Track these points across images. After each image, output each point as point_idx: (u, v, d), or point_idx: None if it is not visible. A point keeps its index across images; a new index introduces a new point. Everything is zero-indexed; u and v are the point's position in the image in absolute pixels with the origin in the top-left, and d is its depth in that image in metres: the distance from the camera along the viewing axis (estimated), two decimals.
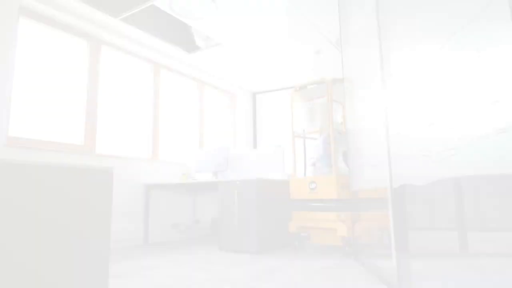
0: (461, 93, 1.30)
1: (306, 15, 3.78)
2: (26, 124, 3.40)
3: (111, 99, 4.21)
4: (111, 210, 1.89)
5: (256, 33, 4.17)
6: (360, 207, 3.19)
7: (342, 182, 3.25)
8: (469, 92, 1.35)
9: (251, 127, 6.48)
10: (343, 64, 3.31)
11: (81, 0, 3.48)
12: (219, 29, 4.12)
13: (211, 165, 4.43)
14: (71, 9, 3.61)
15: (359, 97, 2.81)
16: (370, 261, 2.66)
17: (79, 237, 1.74)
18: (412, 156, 1.62)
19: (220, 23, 3.98)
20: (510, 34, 1.22)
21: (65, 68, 3.78)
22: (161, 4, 3.64)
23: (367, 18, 2.57)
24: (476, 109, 1.35)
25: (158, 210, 4.43)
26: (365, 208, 3.15)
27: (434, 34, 1.42)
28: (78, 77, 3.89)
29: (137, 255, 3.33)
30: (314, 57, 4.79)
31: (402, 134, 1.76)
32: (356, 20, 3.20)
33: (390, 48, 1.98)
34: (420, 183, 1.58)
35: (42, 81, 3.58)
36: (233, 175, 4.46)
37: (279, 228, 3.71)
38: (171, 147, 4.91)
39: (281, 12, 3.71)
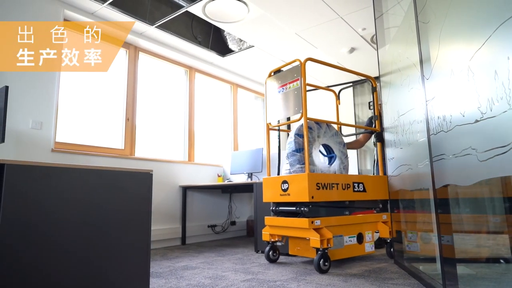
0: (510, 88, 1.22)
1: (340, 12, 3.71)
2: (72, 130, 3.58)
3: (149, 104, 4.36)
4: (151, 211, 1.95)
5: (288, 34, 4.15)
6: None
7: (318, 180, 2.69)
8: None
9: (284, 127, 6.45)
10: (379, 61, 3.22)
11: (120, 11, 3.63)
12: (251, 32, 4.14)
13: (246, 167, 4.46)
14: (111, 19, 3.78)
15: (398, 94, 2.71)
16: (413, 264, 2.56)
17: (122, 238, 1.80)
18: (457, 155, 1.54)
19: (253, 26, 3.99)
20: None
21: (106, 76, 3.95)
22: (194, 10, 3.72)
23: (404, 14, 2.48)
24: None
25: (195, 211, 4.51)
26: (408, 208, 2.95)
27: (477, 28, 1.34)
28: (118, 84, 4.06)
29: (175, 256, 3.41)
30: (348, 55, 4.68)
31: (445, 132, 1.68)
32: (393, 16, 3.10)
33: (430, 43, 1.89)
34: (466, 183, 1.50)
35: (85, 90, 3.77)
36: None
37: None
38: (206, 149, 4.99)
39: (313, 10, 3.66)
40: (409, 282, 2.24)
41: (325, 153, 3.22)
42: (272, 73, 3.34)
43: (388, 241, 3.09)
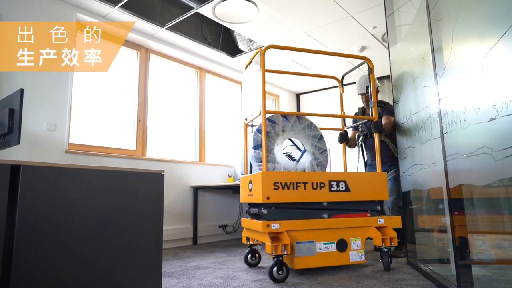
0: None
1: (350, 11, 3.68)
2: (85, 131, 3.64)
3: (160, 105, 4.39)
4: (163, 211, 1.96)
5: (298, 33, 4.13)
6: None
7: (275, 180, 2.46)
8: None
9: None
10: (391, 60, 3.18)
11: (130, 13, 3.66)
12: (261, 32, 4.14)
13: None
14: (123, 21, 3.82)
15: (410, 93, 2.68)
16: (427, 266, 2.52)
17: (134, 238, 1.82)
18: (471, 154, 1.51)
19: (262, 26, 3.99)
20: None
21: (118, 77, 4.00)
22: (204, 11, 3.74)
23: (416, 11, 2.45)
24: None
25: (206, 211, 4.53)
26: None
27: (491, 24, 1.32)
28: (130, 86, 4.10)
29: (186, 256, 3.43)
30: (359, 54, 4.64)
31: (459, 130, 1.65)
32: (404, 13, 3.07)
33: (442, 41, 1.86)
34: (481, 183, 1.47)
35: (98, 91, 3.82)
36: None
37: None
38: (217, 150, 5.01)
39: (323, 9, 3.64)
40: (422, 283, 2.21)
41: (292, 149, 2.95)
42: (248, 65, 3.06)
43: (384, 250, 2.58)
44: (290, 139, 2.89)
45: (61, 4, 3.41)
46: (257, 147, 2.68)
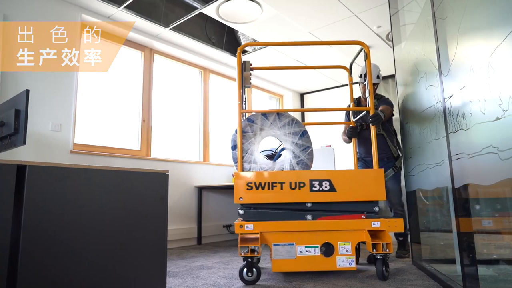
0: None
1: (354, 10, 3.67)
2: (89, 131, 3.66)
3: (164, 105, 4.41)
4: (167, 211, 1.97)
5: (302, 33, 4.12)
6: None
7: (249, 180, 2.43)
8: None
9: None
10: (395, 59, 3.17)
11: (135, 14, 3.68)
12: (265, 32, 4.14)
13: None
14: (124, 21, 3.84)
15: (415, 92, 2.66)
16: (432, 265, 2.51)
17: (139, 238, 1.82)
18: (476, 154, 1.50)
19: (266, 26, 3.99)
20: None
21: (123, 78, 4.02)
22: (208, 11, 3.74)
23: (421, 10, 2.43)
24: None
25: (210, 211, 4.54)
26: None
27: (497, 23, 1.31)
28: (134, 86, 4.12)
29: (191, 255, 3.44)
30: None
31: (464, 130, 1.64)
32: (409, 12, 3.05)
33: (448, 40, 1.85)
34: (487, 182, 1.46)
35: (102, 92, 3.84)
36: None
37: None
38: (221, 150, 5.01)
39: (327, 9, 3.63)
40: (428, 283, 2.19)
41: (269, 148, 2.82)
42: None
43: (378, 257, 2.31)
44: (269, 138, 2.76)
45: (66, 5, 3.43)
46: (234, 147, 2.65)
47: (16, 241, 1.41)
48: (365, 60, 2.71)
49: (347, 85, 4.30)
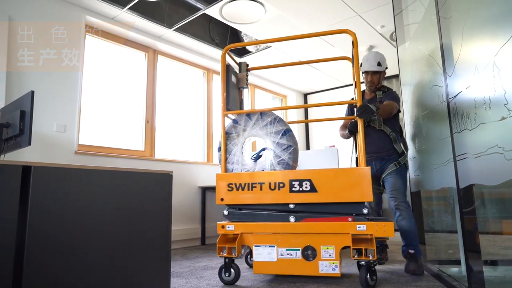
0: None
1: (358, 10, 3.66)
2: (94, 132, 3.67)
3: (168, 106, 4.42)
4: (171, 211, 1.97)
5: (306, 33, 4.12)
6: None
7: (230, 181, 2.42)
8: None
9: (302, 127, 6.42)
10: (399, 59, 3.16)
11: (139, 15, 3.69)
12: (268, 32, 4.14)
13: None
14: (131, 23, 3.85)
15: (419, 92, 2.65)
16: (437, 266, 2.49)
17: (143, 238, 1.83)
18: (482, 154, 1.49)
19: (270, 26, 3.99)
20: None
21: (126, 79, 4.03)
22: (211, 12, 3.75)
23: (425, 10, 2.42)
24: None
25: (214, 212, 4.54)
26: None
27: (502, 22, 1.30)
28: (138, 87, 4.13)
29: (195, 256, 3.44)
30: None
31: (469, 130, 1.63)
32: (413, 12, 3.04)
33: (452, 39, 1.84)
34: (492, 183, 1.45)
35: (106, 93, 3.85)
36: None
37: None
38: None
39: (331, 9, 3.63)
40: (433, 284, 2.18)
41: (252, 149, 2.77)
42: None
43: (362, 264, 2.11)
44: (251, 138, 2.70)
45: (70, 7, 3.45)
46: (219, 149, 2.63)
47: (21, 241, 1.42)
48: (352, 49, 2.50)
49: (351, 85, 4.28)
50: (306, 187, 2.27)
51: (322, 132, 6.26)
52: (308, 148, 6.34)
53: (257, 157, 2.65)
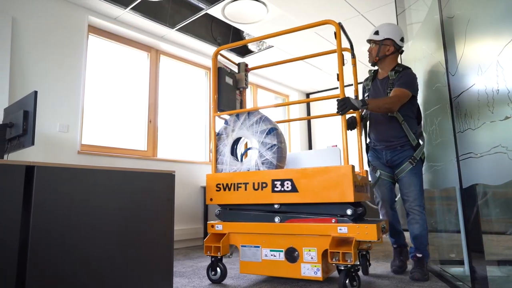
0: None
1: (360, 10, 3.65)
2: (96, 132, 3.68)
3: (170, 106, 4.42)
4: (174, 211, 1.97)
5: (307, 33, 4.11)
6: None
7: (218, 181, 2.44)
8: None
9: (305, 128, 6.42)
10: (402, 59, 3.15)
11: (141, 15, 3.70)
12: (271, 32, 4.13)
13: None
14: (133, 24, 3.86)
15: (422, 92, 2.64)
16: (440, 266, 2.49)
17: (146, 238, 1.83)
18: (485, 153, 1.49)
19: (272, 26, 3.99)
20: None
21: (129, 79, 4.04)
22: (214, 12, 3.75)
23: (428, 9, 2.42)
24: None
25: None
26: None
27: (505, 21, 1.29)
28: (140, 87, 4.14)
29: (197, 255, 3.45)
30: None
31: (472, 129, 1.62)
32: (416, 11, 3.03)
33: (455, 38, 1.84)
34: (496, 182, 1.44)
35: (109, 93, 3.86)
36: None
37: None
38: None
39: (333, 8, 3.62)
40: (436, 284, 2.17)
41: (238, 149, 2.72)
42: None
43: (342, 268, 1.96)
44: (238, 138, 2.68)
45: (73, 7, 3.46)
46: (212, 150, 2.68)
47: (25, 241, 1.42)
48: (335, 39, 2.31)
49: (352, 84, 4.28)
50: (287, 187, 2.21)
51: (324, 132, 6.26)
52: (310, 148, 6.34)
53: (241, 157, 2.64)
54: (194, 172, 4.37)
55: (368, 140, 2.70)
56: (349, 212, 2.05)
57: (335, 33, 2.30)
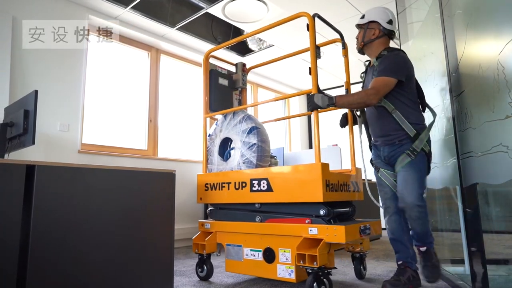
0: None
1: (361, 9, 3.65)
2: (97, 132, 3.68)
3: (171, 105, 4.42)
4: (174, 210, 1.98)
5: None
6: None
7: (206, 181, 2.50)
8: None
9: (305, 127, 6.42)
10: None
11: (142, 14, 3.70)
12: (271, 31, 4.13)
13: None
14: (134, 23, 3.85)
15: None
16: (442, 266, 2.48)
17: (146, 237, 1.84)
18: (485, 152, 1.49)
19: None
20: None
21: (129, 79, 4.04)
22: (214, 11, 3.75)
23: (429, 8, 2.41)
24: None
25: None
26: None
27: (506, 21, 1.29)
28: (141, 86, 4.14)
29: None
30: None
31: (473, 128, 1.62)
32: (416, 10, 3.03)
33: (456, 37, 1.83)
34: (497, 181, 1.44)
35: (109, 92, 3.86)
36: None
37: None
38: None
39: (334, 7, 3.62)
40: (436, 284, 2.17)
41: (223, 149, 2.68)
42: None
43: (309, 271, 1.87)
44: (225, 138, 2.67)
45: (74, 6, 3.46)
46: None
47: (26, 240, 1.43)
48: (307, 31, 2.25)
49: (354, 83, 4.28)
50: (263, 187, 2.19)
51: (325, 131, 6.25)
52: (310, 147, 6.33)
53: (226, 157, 2.64)
54: (194, 171, 4.37)
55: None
56: (322, 212, 1.98)
57: (307, 25, 2.23)
